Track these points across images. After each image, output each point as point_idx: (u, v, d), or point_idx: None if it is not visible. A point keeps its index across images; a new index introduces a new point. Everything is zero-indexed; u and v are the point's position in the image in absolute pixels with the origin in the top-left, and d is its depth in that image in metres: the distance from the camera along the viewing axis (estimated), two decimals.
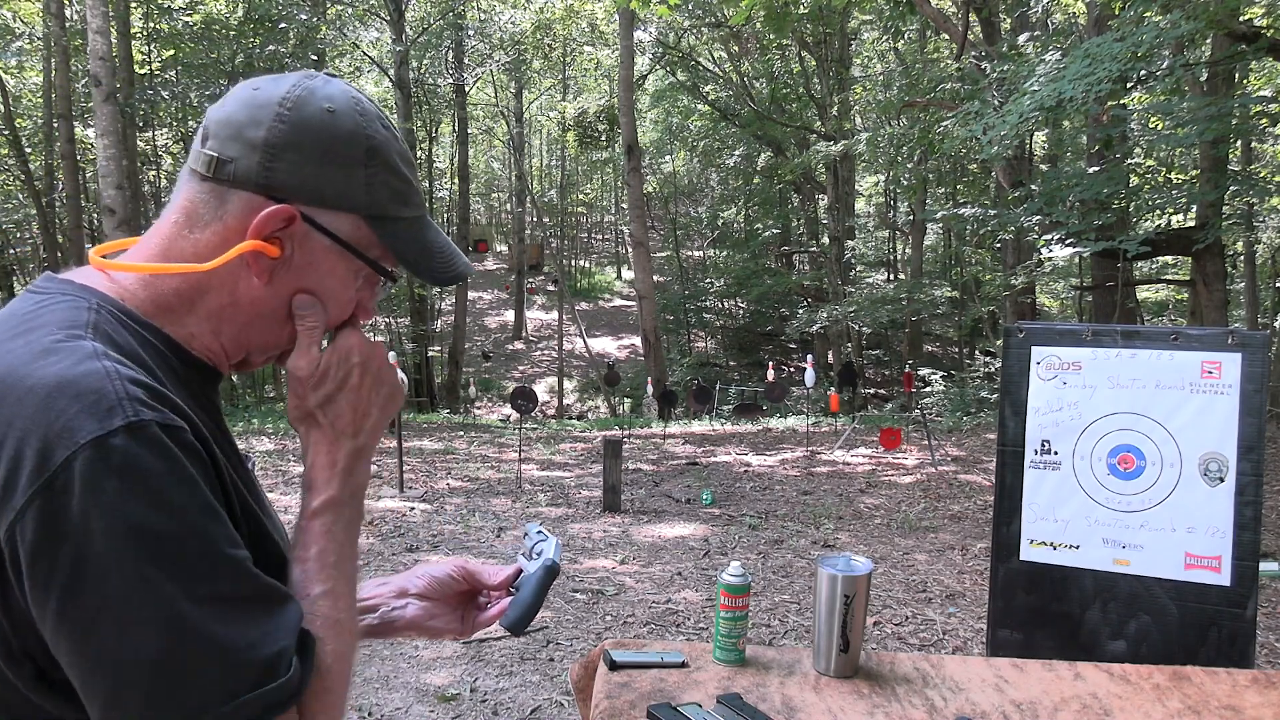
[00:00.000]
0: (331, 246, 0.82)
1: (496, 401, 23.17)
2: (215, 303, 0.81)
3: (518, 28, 22.90)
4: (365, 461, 0.86)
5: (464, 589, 1.10)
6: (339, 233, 0.82)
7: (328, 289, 0.84)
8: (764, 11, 14.61)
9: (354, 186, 0.82)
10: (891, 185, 21.91)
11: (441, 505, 6.89)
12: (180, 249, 0.80)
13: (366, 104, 0.84)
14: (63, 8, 13.30)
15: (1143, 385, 2.35)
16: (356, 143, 0.81)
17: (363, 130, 0.82)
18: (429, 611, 1.08)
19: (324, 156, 0.80)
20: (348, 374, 0.84)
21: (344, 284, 0.85)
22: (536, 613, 1.06)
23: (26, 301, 0.77)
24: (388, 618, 1.07)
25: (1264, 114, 8.27)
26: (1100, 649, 2.30)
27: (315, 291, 0.84)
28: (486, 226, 38.10)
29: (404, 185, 0.86)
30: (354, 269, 0.85)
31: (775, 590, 4.80)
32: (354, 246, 0.83)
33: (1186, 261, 12.26)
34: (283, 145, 0.79)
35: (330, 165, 0.80)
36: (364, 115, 0.83)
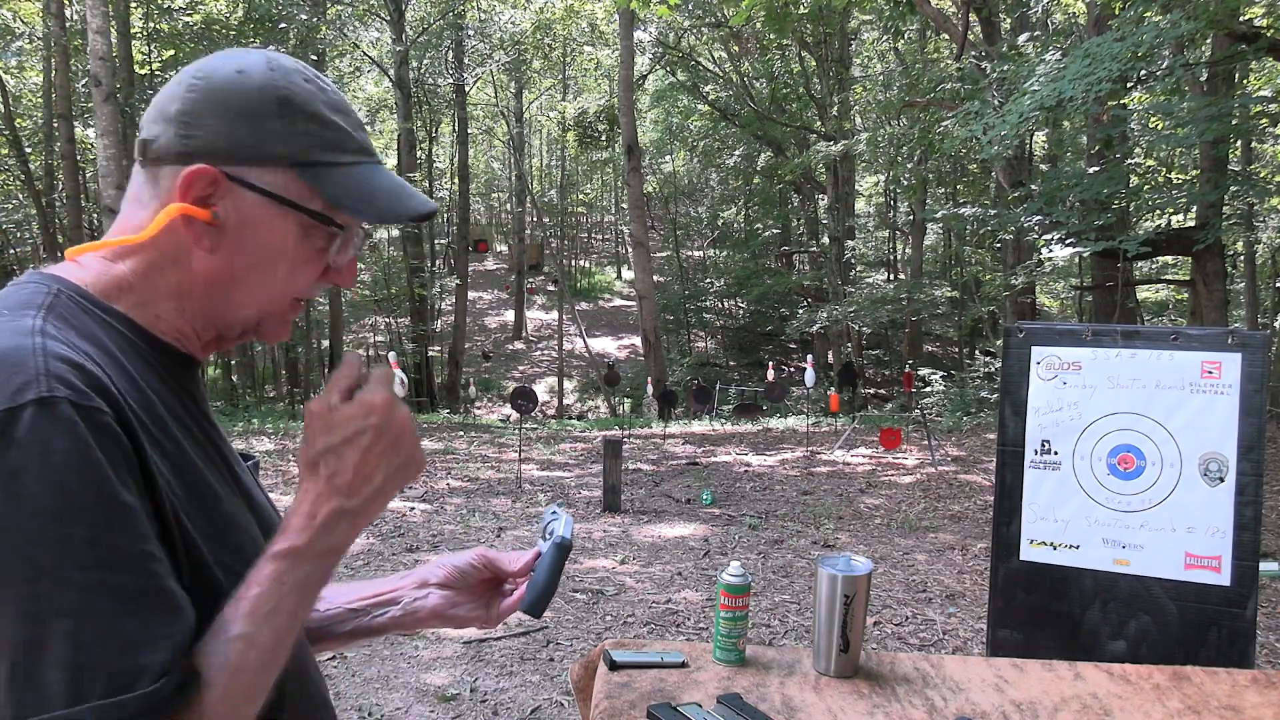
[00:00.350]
0: (263, 201, 0.80)
1: (496, 401, 23.17)
2: (174, 279, 0.81)
3: (518, 28, 22.90)
4: (351, 525, 0.78)
5: (486, 577, 1.08)
6: (269, 186, 0.80)
7: (274, 246, 0.82)
8: (764, 11, 14.61)
9: (270, 138, 0.80)
10: (891, 185, 21.91)
11: (441, 505, 6.89)
12: (126, 231, 0.81)
13: (285, 61, 0.83)
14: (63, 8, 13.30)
15: (1143, 385, 2.35)
16: (266, 95, 0.80)
17: (273, 83, 0.80)
18: (451, 600, 1.06)
19: (235, 114, 0.79)
20: (361, 431, 0.78)
21: (294, 242, 0.83)
22: (552, 593, 1.05)
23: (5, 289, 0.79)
24: (410, 608, 1.05)
25: (1264, 114, 8.27)
26: (1100, 649, 2.30)
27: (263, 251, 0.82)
28: (486, 226, 38.10)
29: (335, 133, 0.83)
30: (301, 224, 0.82)
31: (775, 590, 4.80)
32: (286, 198, 0.81)
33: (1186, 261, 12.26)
34: (196, 112, 0.79)
35: (243, 121, 0.79)
36: (276, 70, 0.81)
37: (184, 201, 0.78)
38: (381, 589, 1.07)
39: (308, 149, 0.81)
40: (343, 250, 0.86)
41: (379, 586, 1.08)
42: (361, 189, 0.84)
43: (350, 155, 0.84)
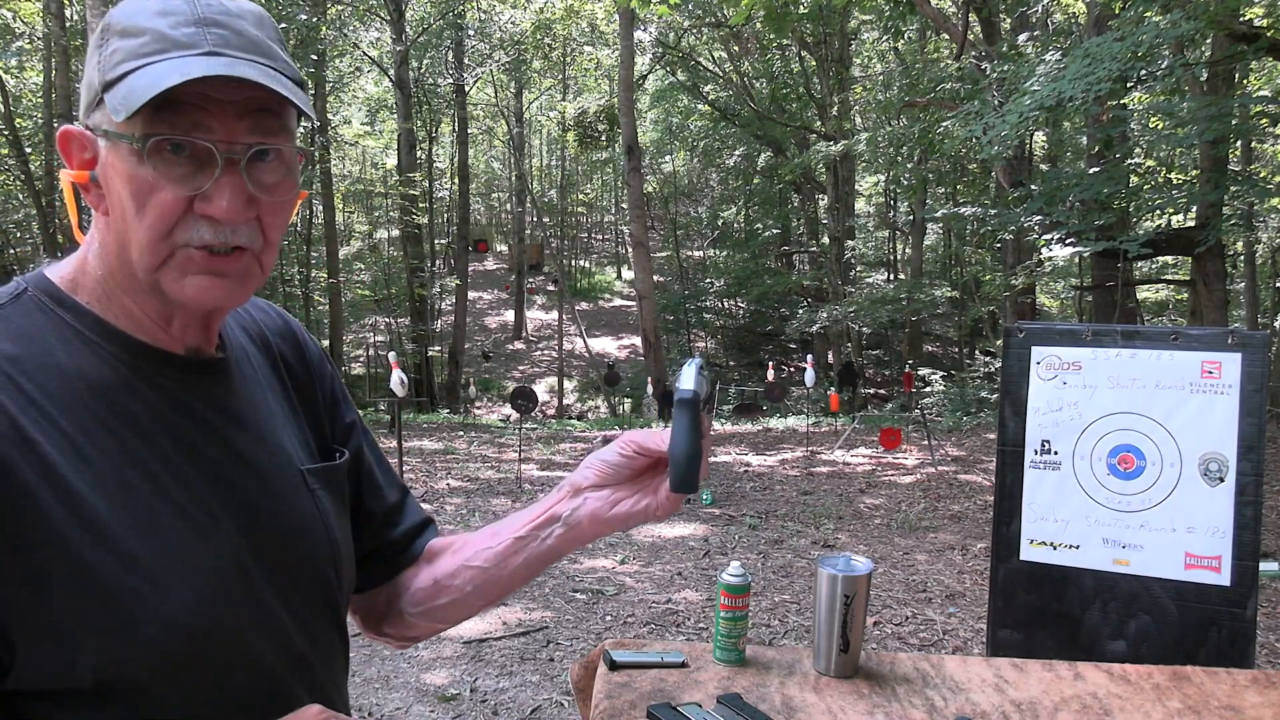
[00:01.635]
0: (106, 143, 0.73)
1: (496, 401, 23.17)
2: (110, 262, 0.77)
3: (518, 28, 22.90)
4: None
5: (642, 463, 0.97)
6: (99, 125, 0.72)
7: (122, 189, 0.73)
8: (764, 11, 14.60)
9: (95, 70, 0.73)
10: (891, 185, 21.91)
11: (441, 505, 6.89)
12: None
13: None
14: (63, 8, 13.30)
15: (1143, 385, 2.35)
16: (104, 28, 0.73)
17: (114, 15, 0.73)
18: (609, 501, 0.97)
19: (88, 62, 0.74)
20: None
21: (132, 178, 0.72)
22: (697, 459, 0.89)
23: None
24: (571, 521, 0.98)
25: (1264, 114, 8.27)
26: (1100, 649, 2.30)
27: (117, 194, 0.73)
28: (486, 226, 38.09)
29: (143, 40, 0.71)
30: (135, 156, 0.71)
31: (775, 590, 4.80)
32: (102, 128, 0.72)
33: (1186, 261, 12.25)
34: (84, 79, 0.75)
35: (88, 67, 0.74)
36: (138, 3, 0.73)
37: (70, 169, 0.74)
38: (541, 510, 1.01)
39: (110, 68, 0.71)
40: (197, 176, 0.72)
41: (538, 509, 1.02)
42: (130, 90, 0.69)
43: (151, 59, 0.70)
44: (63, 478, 0.70)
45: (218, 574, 0.78)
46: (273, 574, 0.83)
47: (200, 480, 0.79)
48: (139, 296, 0.78)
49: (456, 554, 1.05)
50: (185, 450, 0.79)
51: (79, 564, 0.69)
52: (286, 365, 0.97)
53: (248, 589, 0.81)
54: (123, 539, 0.72)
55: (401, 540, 1.07)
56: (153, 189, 0.72)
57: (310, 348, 1.02)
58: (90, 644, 0.69)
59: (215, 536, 0.79)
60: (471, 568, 1.02)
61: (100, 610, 0.70)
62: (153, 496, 0.75)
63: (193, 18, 0.72)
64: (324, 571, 0.91)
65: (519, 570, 1.01)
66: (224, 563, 0.79)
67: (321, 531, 0.90)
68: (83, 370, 0.75)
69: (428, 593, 1.05)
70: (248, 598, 0.81)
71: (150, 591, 0.72)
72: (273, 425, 0.90)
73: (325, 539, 0.91)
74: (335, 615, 0.94)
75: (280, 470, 0.88)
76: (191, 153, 0.72)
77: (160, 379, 0.79)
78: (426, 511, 1.13)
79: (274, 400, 0.93)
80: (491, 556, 1.01)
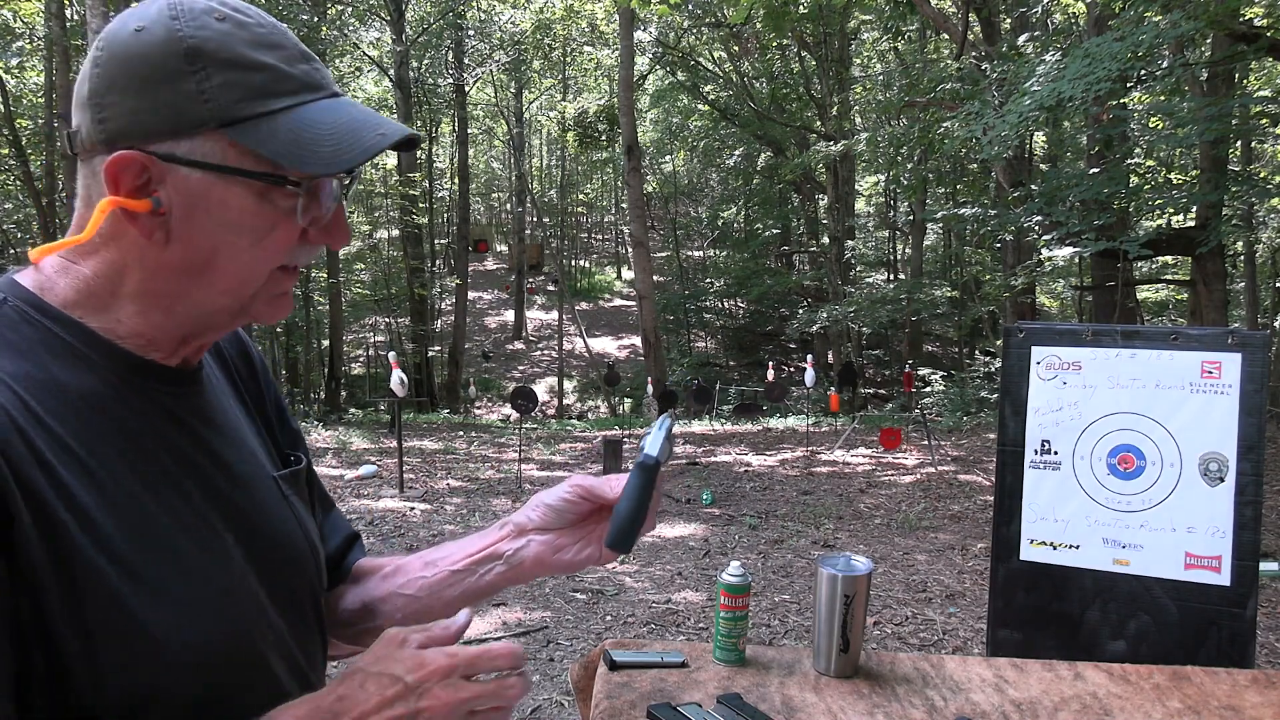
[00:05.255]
0: (207, 176, 0.70)
1: (496, 401, 23.18)
2: (135, 280, 0.73)
3: (518, 28, 22.90)
4: None
5: (587, 508, 0.96)
6: (207, 158, 0.70)
7: (230, 222, 0.72)
8: (764, 11, 14.61)
9: (185, 100, 0.69)
10: (891, 185, 21.91)
11: (441, 505, 6.89)
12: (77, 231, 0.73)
13: (195, 3, 0.71)
14: (63, 8, 13.30)
15: (1143, 385, 2.35)
16: (172, 51, 0.69)
17: (176, 35, 0.69)
18: (553, 544, 0.96)
19: (143, 83, 0.68)
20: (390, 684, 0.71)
21: (252, 210, 0.72)
22: (639, 523, 0.89)
23: None
24: (513, 561, 0.97)
25: (1264, 114, 8.27)
26: (1100, 649, 2.30)
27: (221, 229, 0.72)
28: (486, 226, 38.10)
29: (264, 76, 0.71)
30: (255, 190, 0.72)
31: (775, 590, 4.80)
32: (225, 165, 0.70)
33: (1186, 261, 12.26)
34: (103, 90, 0.69)
35: (152, 89, 0.68)
36: (179, 17, 0.69)
37: (116, 195, 0.69)
38: (481, 545, 0.99)
39: (233, 103, 0.70)
40: (311, 207, 0.75)
41: (478, 543, 1.00)
42: (302, 137, 0.71)
43: (287, 98, 0.72)
44: (81, 504, 0.67)
45: (231, 593, 0.77)
46: (272, 586, 0.82)
47: (199, 494, 0.77)
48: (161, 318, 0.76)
49: (388, 579, 1.02)
50: (182, 464, 0.77)
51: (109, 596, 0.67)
52: (238, 371, 0.95)
53: (257, 604, 0.80)
54: (146, 567, 0.70)
55: (334, 556, 1.04)
56: (274, 222, 0.73)
57: (255, 353, 1.00)
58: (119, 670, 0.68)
59: (223, 553, 0.78)
60: (403, 595, 0.99)
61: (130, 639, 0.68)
62: (164, 517, 0.73)
63: (298, 53, 0.74)
64: (310, 579, 0.90)
65: (452, 602, 0.99)
66: (234, 580, 0.78)
67: (302, 539, 0.89)
68: (80, 385, 0.72)
69: (356, 614, 1.02)
70: (258, 613, 0.80)
71: (177, 618, 0.71)
72: (243, 433, 0.88)
73: (306, 546, 0.90)
74: (320, 623, 0.93)
75: (258, 478, 0.86)
76: (313, 186, 0.74)
77: (150, 390, 0.77)
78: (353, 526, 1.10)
79: (236, 407, 0.91)
80: (424, 586, 0.99)
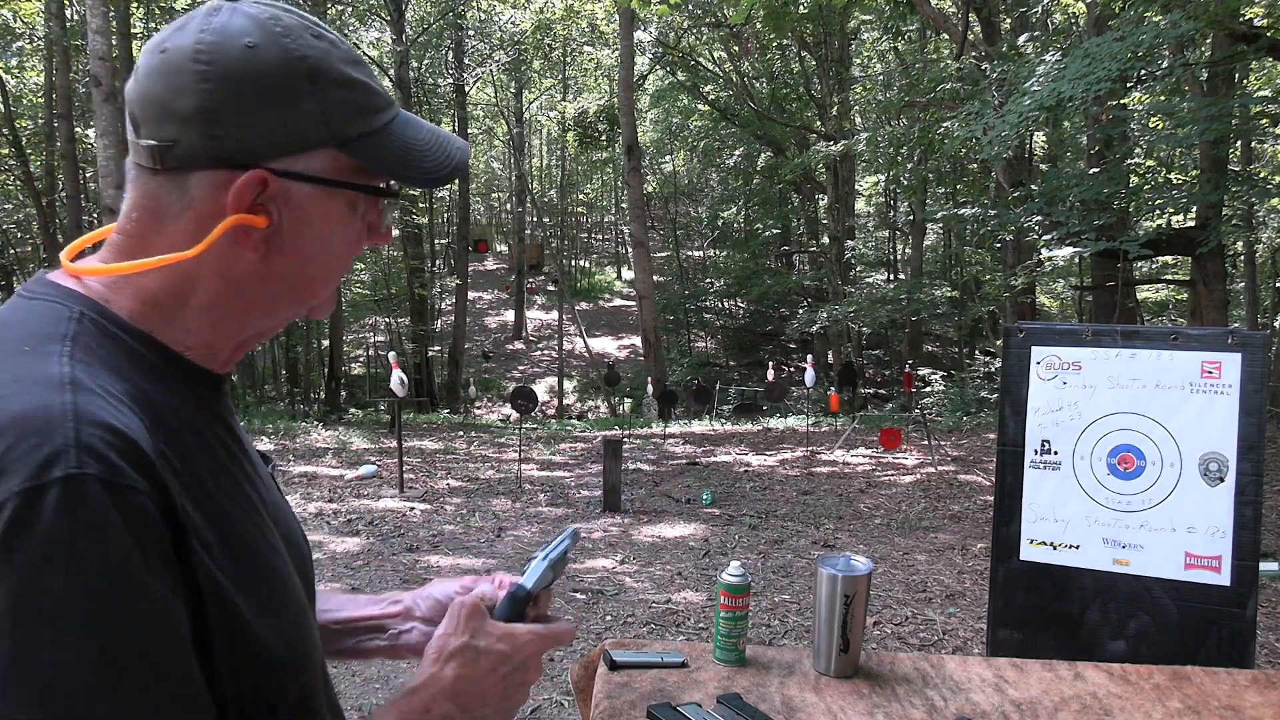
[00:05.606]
0: (315, 190, 0.73)
1: (496, 401, 23.18)
2: (209, 291, 0.73)
3: (518, 28, 22.90)
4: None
5: None
6: (320, 173, 0.73)
7: (331, 233, 0.76)
8: (764, 11, 14.61)
9: (309, 119, 0.72)
10: (891, 185, 21.91)
11: (441, 505, 6.89)
12: (155, 246, 0.71)
13: (287, 18, 0.72)
14: (63, 8, 13.29)
15: (1143, 385, 2.35)
16: (293, 71, 0.71)
17: (294, 53, 0.71)
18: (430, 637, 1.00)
19: (264, 101, 0.70)
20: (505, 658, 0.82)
21: (346, 222, 0.77)
22: None
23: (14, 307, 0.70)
24: (394, 640, 1.00)
25: (1264, 114, 8.27)
26: (1100, 649, 2.30)
27: (322, 240, 0.75)
28: (486, 226, 38.11)
29: (361, 94, 0.75)
30: (349, 200, 0.76)
31: (775, 590, 4.80)
32: (339, 180, 0.74)
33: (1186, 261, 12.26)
34: (217, 107, 0.69)
35: (275, 107, 0.70)
36: (289, 34, 0.71)
37: (238, 213, 0.70)
38: (368, 613, 1.01)
39: (347, 122, 0.73)
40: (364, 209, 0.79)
41: (366, 609, 1.02)
42: (408, 151, 0.77)
43: (384, 113, 0.77)
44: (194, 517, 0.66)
45: (297, 595, 0.78)
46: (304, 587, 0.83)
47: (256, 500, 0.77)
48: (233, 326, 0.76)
49: None
50: (243, 472, 0.77)
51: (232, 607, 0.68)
52: None
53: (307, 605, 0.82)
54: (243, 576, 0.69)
55: None
56: (359, 232, 0.79)
57: None
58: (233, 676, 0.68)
59: (283, 558, 0.78)
60: None
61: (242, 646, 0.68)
62: (247, 526, 0.73)
63: (368, 67, 0.78)
64: (313, 583, 0.90)
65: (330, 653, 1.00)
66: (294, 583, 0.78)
67: (304, 537, 0.89)
68: (163, 400, 0.70)
69: None
70: (310, 614, 0.82)
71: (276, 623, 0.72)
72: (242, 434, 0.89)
73: (308, 547, 0.90)
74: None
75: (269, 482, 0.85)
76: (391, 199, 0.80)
77: (207, 400, 0.76)
78: None
79: None
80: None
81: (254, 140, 0.70)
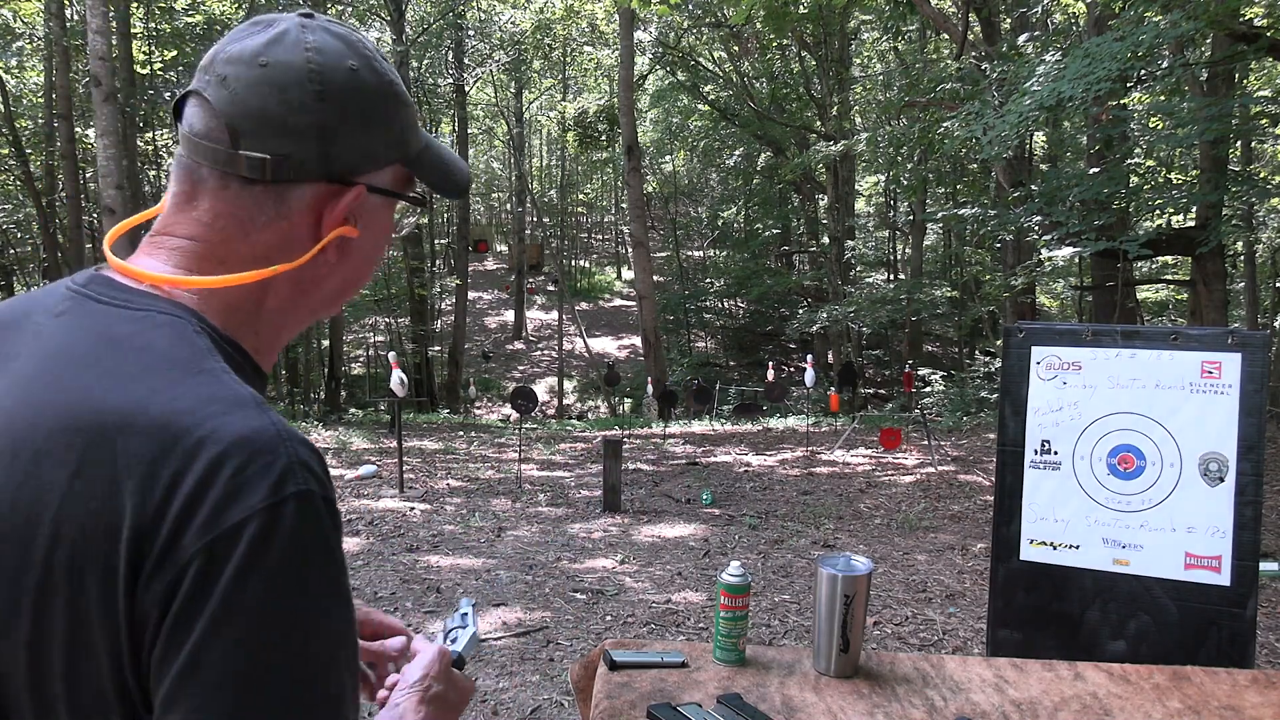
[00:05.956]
0: (382, 200, 0.81)
1: (496, 401, 23.18)
2: (281, 297, 0.77)
3: (518, 28, 22.90)
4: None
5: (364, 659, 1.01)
6: (390, 185, 0.80)
7: (381, 239, 0.83)
8: (764, 11, 14.61)
9: (394, 138, 0.79)
10: (891, 185, 21.90)
11: (441, 505, 6.89)
12: (238, 254, 0.74)
13: (368, 42, 0.78)
14: (63, 8, 13.29)
15: (1143, 385, 2.35)
16: (385, 93, 0.77)
17: (385, 76, 0.77)
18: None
19: (368, 122, 0.76)
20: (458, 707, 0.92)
21: (390, 228, 0.84)
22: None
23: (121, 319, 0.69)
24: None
25: (1264, 114, 8.28)
26: (1100, 649, 2.30)
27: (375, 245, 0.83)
28: (486, 226, 38.10)
29: (414, 113, 0.83)
30: (396, 208, 0.84)
31: (775, 590, 4.80)
32: (400, 193, 0.82)
33: (1186, 261, 12.26)
34: (333, 126, 0.73)
35: (375, 127, 0.77)
36: (376, 58, 0.77)
37: (342, 223, 0.76)
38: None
39: (411, 140, 0.81)
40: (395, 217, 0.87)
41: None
42: (444, 165, 0.85)
43: (423, 132, 0.84)
44: None
45: None
46: None
47: None
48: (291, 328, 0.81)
49: None
50: None
51: None
52: None
53: None
54: None
55: None
56: (389, 234, 0.85)
57: None
58: None
59: None
60: None
61: None
62: None
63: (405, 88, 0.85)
64: None
65: None
66: None
67: None
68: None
69: None
70: None
71: None
72: None
73: None
74: None
75: None
76: None
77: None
78: None
79: None
80: None
81: (359, 156, 0.76)
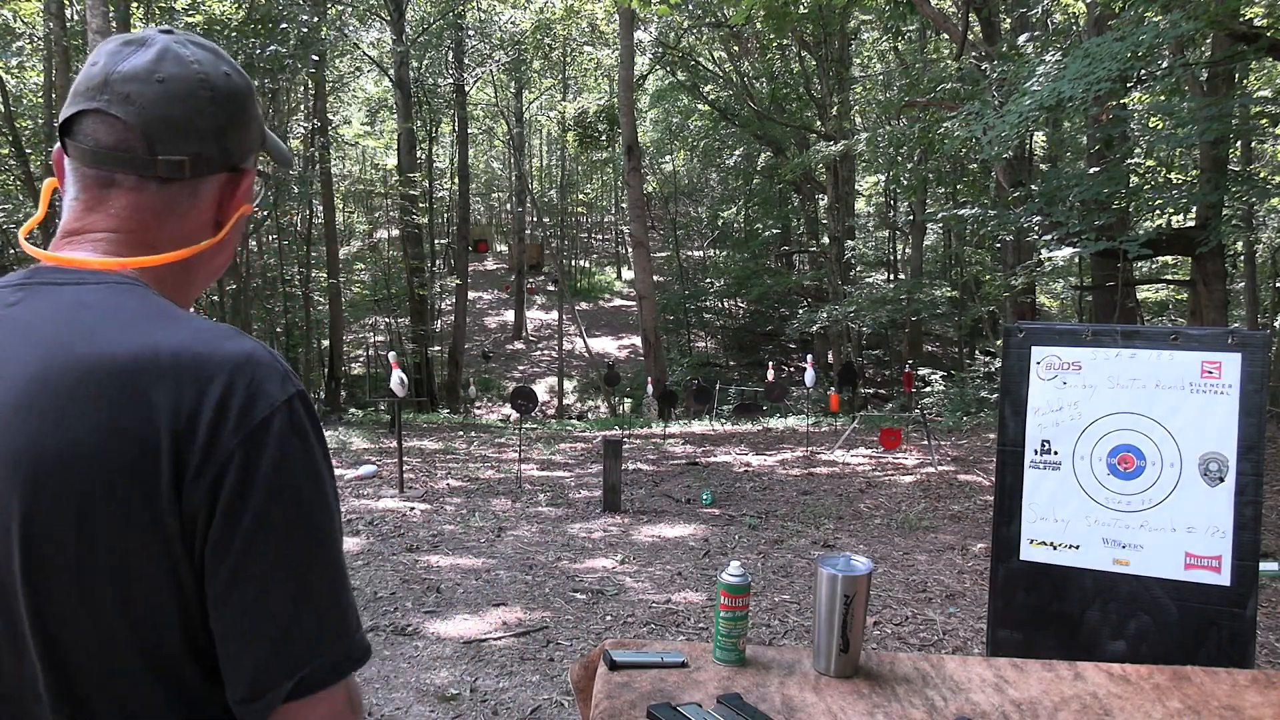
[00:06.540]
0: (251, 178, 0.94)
1: (496, 401, 23.17)
2: (200, 273, 0.91)
3: (518, 28, 22.90)
4: None
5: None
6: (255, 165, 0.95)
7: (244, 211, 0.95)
8: (764, 11, 14.60)
9: (259, 127, 0.93)
10: (891, 185, 21.89)
11: (441, 505, 6.89)
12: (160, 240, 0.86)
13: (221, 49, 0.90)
14: (63, 8, 13.29)
15: (1143, 385, 2.35)
16: (250, 92, 0.91)
17: (245, 78, 0.91)
18: None
19: (246, 117, 0.90)
20: None
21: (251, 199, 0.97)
22: None
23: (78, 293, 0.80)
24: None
25: (1264, 114, 8.27)
26: (1100, 649, 2.30)
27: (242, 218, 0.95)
28: (486, 226, 38.08)
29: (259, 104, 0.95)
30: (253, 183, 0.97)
31: (775, 590, 4.80)
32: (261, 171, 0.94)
33: (1186, 261, 12.26)
34: (225, 125, 0.87)
35: (252, 121, 0.91)
36: (233, 62, 0.90)
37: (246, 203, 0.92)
38: None
39: (262, 125, 0.94)
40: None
41: None
42: (277, 144, 1.00)
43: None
44: None
45: None
46: None
47: None
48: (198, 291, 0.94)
49: None
50: None
51: None
52: None
53: None
54: None
55: None
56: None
57: None
58: None
59: None
60: None
61: None
62: None
63: None
64: None
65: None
66: None
67: None
68: None
69: None
70: None
71: None
72: None
73: None
74: None
75: None
76: None
77: None
78: None
79: None
80: None
81: (244, 148, 0.91)
